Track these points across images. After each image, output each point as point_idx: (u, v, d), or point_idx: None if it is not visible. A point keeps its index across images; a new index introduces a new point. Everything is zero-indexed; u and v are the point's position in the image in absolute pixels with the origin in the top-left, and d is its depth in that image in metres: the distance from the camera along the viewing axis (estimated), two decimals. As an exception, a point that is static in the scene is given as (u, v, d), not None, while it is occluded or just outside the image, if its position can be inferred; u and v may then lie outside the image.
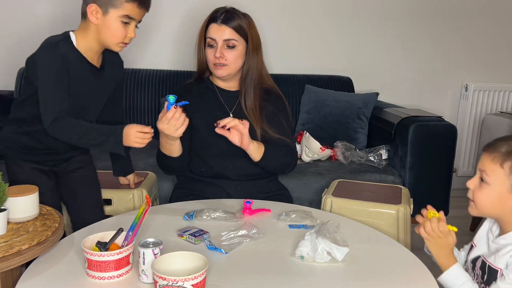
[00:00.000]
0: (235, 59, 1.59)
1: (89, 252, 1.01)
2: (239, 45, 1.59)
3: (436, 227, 1.15)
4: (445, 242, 1.16)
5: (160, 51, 2.82)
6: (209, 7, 1.67)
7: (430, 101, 3.16)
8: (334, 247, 1.13)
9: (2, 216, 1.10)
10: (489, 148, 1.15)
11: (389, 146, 2.34)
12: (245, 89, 1.64)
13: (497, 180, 1.12)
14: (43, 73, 1.41)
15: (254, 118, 1.63)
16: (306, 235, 1.17)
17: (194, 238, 1.22)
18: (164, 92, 2.64)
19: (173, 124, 1.38)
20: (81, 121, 1.43)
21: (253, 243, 1.23)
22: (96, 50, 1.50)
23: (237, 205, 1.49)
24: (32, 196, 1.18)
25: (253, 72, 1.63)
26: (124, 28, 1.44)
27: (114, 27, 1.43)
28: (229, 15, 1.58)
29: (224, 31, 1.57)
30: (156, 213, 1.40)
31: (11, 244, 1.06)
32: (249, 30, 1.60)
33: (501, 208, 1.13)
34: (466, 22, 3.11)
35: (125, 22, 1.44)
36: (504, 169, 1.11)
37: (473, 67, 3.20)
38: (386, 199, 1.73)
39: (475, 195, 1.16)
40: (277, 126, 1.67)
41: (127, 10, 1.43)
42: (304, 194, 2.12)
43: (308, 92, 2.71)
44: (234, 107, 1.67)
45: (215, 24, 1.58)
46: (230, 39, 1.57)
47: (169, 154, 1.57)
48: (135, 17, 1.46)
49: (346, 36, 3.00)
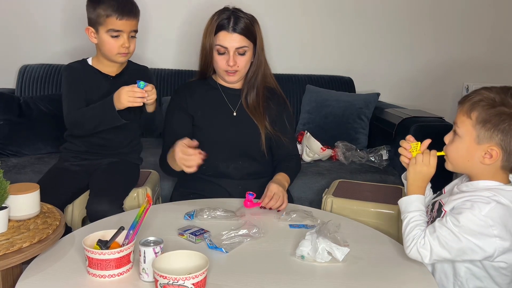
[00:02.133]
0: (245, 64, 1.60)
1: (90, 250, 1.01)
2: (249, 50, 1.59)
3: (428, 159, 1.15)
4: (427, 172, 1.16)
5: (160, 50, 2.82)
6: (211, 6, 1.67)
7: (431, 102, 3.16)
8: (335, 247, 1.13)
9: (3, 213, 1.10)
10: (462, 100, 1.13)
11: (390, 146, 2.34)
12: (248, 87, 1.65)
13: (465, 132, 1.10)
14: (62, 87, 1.72)
15: (257, 116, 1.63)
16: (307, 235, 1.17)
17: (194, 237, 1.22)
18: (165, 92, 2.64)
19: (190, 159, 1.40)
20: (82, 109, 1.60)
21: (254, 243, 1.23)
22: (107, 64, 1.69)
23: (238, 204, 1.49)
24: (33, 194, 1.18)
25: (258, 71, 1.64)
26: (115, 41, 1.60)
27: (106, 42, 1.60)
28: (237, 20, 1.56)
29: (235, 39, 1.55)
30: (156, 212, 1.40)
31: (12, 241, 1.06)
32: (256, 33, 1.61)
33: (469, 159, 1.11)
34: (467, 23, 3.11)
35: (115, 36, 1.59)
36: (472, 119, 1.08)
37: (474, 68, 3.19)
38: (386, 200, 1.73)
39: (448, 149, 1.15)
40: (281, 127, 1.69)
41: (110, 24, 1.58)
42: (305, 194, 2.12)
43: (309, 92, 2.71)
44: (238, 105, 1.67)
45: (225, 32, 1.55)
46: (242, 47, 1.56)
47: (176, 169, 1.54)
48: (121, 28, 1.58)
49: (348, 36, 3.00)
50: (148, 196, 1.09)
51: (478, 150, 1.09)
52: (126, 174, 1.70)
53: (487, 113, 1.07)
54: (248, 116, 1.64)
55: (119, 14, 1.56)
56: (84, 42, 1.79)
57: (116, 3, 1.57)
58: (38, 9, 2.65)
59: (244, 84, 1.66)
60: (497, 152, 1.07)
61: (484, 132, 1.07)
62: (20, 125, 2.23)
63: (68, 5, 2.65)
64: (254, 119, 1.62)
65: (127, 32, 1.60)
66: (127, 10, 1.59)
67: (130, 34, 1.62)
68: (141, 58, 2.75)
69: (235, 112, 1.65)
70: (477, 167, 1.11)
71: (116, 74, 1.72)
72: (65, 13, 2.66)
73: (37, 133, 2.24)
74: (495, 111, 1.07)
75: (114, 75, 1.71)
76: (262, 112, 1.64)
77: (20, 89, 2.53)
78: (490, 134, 1.07)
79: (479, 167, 1.11)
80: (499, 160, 1.09)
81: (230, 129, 1.64)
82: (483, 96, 1.09)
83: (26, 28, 2.66)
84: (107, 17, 1.57)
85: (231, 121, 1.65)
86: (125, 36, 1.59)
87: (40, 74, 2.55)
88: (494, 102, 1.07)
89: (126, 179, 1.69)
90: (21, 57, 2.67)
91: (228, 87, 1.68)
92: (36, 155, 2.22)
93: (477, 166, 1.11)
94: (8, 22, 2.65)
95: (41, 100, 2.34)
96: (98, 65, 1.71)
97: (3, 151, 2.19)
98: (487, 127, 1.07)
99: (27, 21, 2.66)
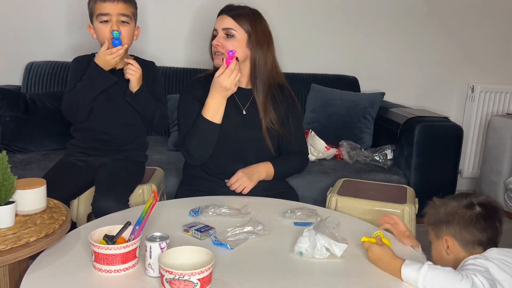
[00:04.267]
0: (232, 48, 1.57)
1: (96, 245, 1.01)
2: (238, 35, 1.58)
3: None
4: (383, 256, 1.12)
5: (166, 48, 2.82)
6: (219, 3, 1.67)
7: (436, 102, 3.15)
8: (333, 243, 1.13)
9: (10, 208, 1.11)
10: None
11: (395, 146, 2.34)
12: (256, 85, 1.64)
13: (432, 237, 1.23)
14: None
15: (263, 112, 1.64)
16: (305, 231, 1.18)
17: (200, 233, 1.23)
18: (171, 90, 2.64)
19: (234, 76, 1.51)
20: (66, 92, 1.69)
21: (259, 240, 1.23)
22: None
23: (242, 202, 1.49)
24: (40, 189, 1.19)
25: (260, 67, 1.62)
26: (104, 26, 1.65)
27: (98, 29, 1.67)
28: (233, 7, 1.61)
29: (224, 20, 1.59)
30: (162, 208, 1.41)
31: (19, 236, 1.07)
32: (253, 22, 1.59)
33: (441, 256, 1.20)
34: (473, 23, 3.10)
35: (104, 21, 1.64)
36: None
37: (480, 68, 3.19)
38: (391, 199, 1.73)
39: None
40: (289, 127, 1.70)
41: (97, 9, 1.64)
42: (309, 192, 2.12)
43: (314, 91, 2.71)
44: (247, 104, 1.67)
45: (219, 16, 1.61)
46: (229, 28, 1.58)
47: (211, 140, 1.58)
48: (107, 11, 1.63)
49: (353, 35, 3.00)
50: (155, 192, 1.09)
51: (440, 244, 1.20)
52: (131, 171, 1.71)
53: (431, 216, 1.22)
54: (257, 115, 1.64)
55: None
56: (90, 39, 1.80)
57: None
58: (44, 7, 2.66)
59: (252, 82, 1.66)
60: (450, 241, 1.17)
61: (436, 230, 1.21)
62: (26, 121, 2.24)
63: (73, 2, 2.66)
64: (260, 114, 1.63)
65: (115, 15, 1.63)
66: None
67: (119, 18, 1.64)
68: (146, 55, 2.77)
69: (245, 110, 1.66)
70: (449, 258, 1.17)
71: (120, 68, 1.71)
72: (71, 10, 2.67)
73: (43, 129, 2.25)
74: (435, 212, 1.21)
75: (118, 68, 1.71)
76: (270, 110, 1.64)
77: (26, 86, 2.55)
78: (439, 229, 1.20)
79: (450, 258, 1.17)
80: (456, 246, 1.16)
81: (240, 128, 1.64)
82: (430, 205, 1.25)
83: (32, 25, 2.67)
84: (94, 3, 1.65)
85: (241, 120, 1.65)
86: (113, 19, 1.63)
87: (46, 71, 2.56)
88: (435, 205, 1.22)
89: (131, 176, 1.69)
90: (27, 54, 2.68)
91: (238, 86, 1.65)
92: (42, 151, 2.23)
93: (449, 258, 1.17)
94: (14, 20, 2.66)
95: (47, 97, 2.35)
96: None
97: (9, 148, 2.20)
98: (435, 225, 1.21)
99: (33, 18, 2.67)
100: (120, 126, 1.72)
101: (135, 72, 1.64)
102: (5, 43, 2.67)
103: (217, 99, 1.54)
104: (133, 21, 1.70)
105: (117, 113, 1.72)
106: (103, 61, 1.62)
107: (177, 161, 2.20)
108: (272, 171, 1.66)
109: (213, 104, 1.55)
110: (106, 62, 1.62)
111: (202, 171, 1.68)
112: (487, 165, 2.59)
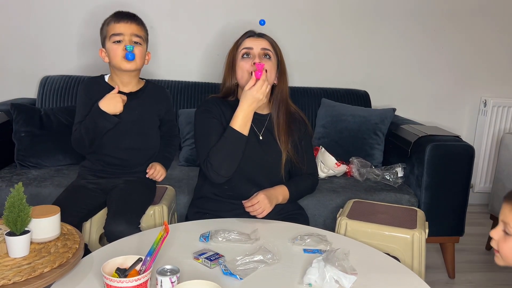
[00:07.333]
0: (270, 69, 1.61)
1: (108, 278, 1.03)
2: (273, 59, 1.63)
3: None
4: None
5: (177, 63, 2.85)
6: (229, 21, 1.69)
7: (448, 117, 3.14)
8: (342, 275, 1.14)
9: (26, 238, 1.13)
10: (510, 198, 1.08)
11: (405, 164, 2.33)
12: (277, 112, 1.67)
13: None
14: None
15: (283, 141, 1.66)
16: (314, 262, 1.19)
17: (210, 262, 1.24)
18: (183, 104, 2.66)
19: (265, 87, 1.55)
20: (75, 123, 1.71)
21: (268, 269, 1.24)
22: (121, 80, 1.75)
23: (252, 226, 1.50)
24: (54, 218, 1.22)
25: (283, 95, 1.67)
26: (117, 46, 1.67)
27: (111, 50, 1.69)
28: (260, 33, 1.65)
29: (261, 41, 1.62)
30: (172, 232, 1.42)
31: (33, 266, 1.09)
32: (280, 51, 1.66)
33: None
34: (485, 36, 3.09)
35: (117, 41, 1.67)
36: None
37: (492, 82, 3.17)
38: (401, 223, 1.73)
39: (499, 246, 1.10)
40: (302, 152, 1.72)
41: (111, 30, 1.68)
42: (319, 211, 2.12)
43: (324, 106, 2.71)
44: (263, 129, 1.68)
45: (251, 38, 1.64)
46: (267, 49, 1.61)
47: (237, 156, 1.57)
48: (120, 31, 1.66)
49: (364, 49, 3.00)
50: (166, 224, 1.11)
51: None
52: (143, 193, 1.73)
53: None
54: (273, 140, 1.66)
55: (116, 18, 1.69)
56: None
57: (115, 12, 1.72)
58: (59, 21, 2.71)
59: (272, 108, 1.68)
60: None
61: None
62: (40, 137, 2.27)
63: (88, 17, 2.70)
64: (279, 143, 1.65)
65: (128, 35, 1.67)
66: (125, 14, 1.70)
67: (132, 38, 1.67)
68: (156, 71, 2.80)
69: (261, 136, 1.67)
70: None
71: (131, 91, 1.76)
72: (86, 26, 2.71)
73: (57, 145, 2.29)
74: None
75: (128, 92, 1.75)
76: (286, 136, 1.67)
77: (41, 100, 2.59)
78: None
79: None
80: None
81: (258, 152, 1.65)
82: None
83: (48, 39, 2.72)
84: (107, 26, 1.70)
85: (258, 145, 1.66)
86: (126, 39, 1.67)
87: (60, 85, 2.60)
88: None
89: (143, 198, 1.72)
90: (42, 68, 2.73)
91: (255, 111, 1.63)
92: (56, 167, 2.27)
93: None
94: (31, 33, 2.71)
95: (61, 112, 2.38)
96: (112, 83, 1.76)
97: (24, 163, 2.23)
98: None
99: (49, 33, 2.72)
100: (131, 151, 1.75)
101: (161, 175, 1.80)
102: (21, 57, 2.73)
103: (247, 112, 1.56)
104: (145, 44, 1.73)
105: (127, 138, 1.74)
106: (107, 105, 1.64)
107: (189, 177, 2.22)
108: (287, 195, 1.67)
109: (242, 117, 1.56)
110: (112, 106, 1.64)
111: (212, 192, 1.69)
112: (500, 183, 2.57)
